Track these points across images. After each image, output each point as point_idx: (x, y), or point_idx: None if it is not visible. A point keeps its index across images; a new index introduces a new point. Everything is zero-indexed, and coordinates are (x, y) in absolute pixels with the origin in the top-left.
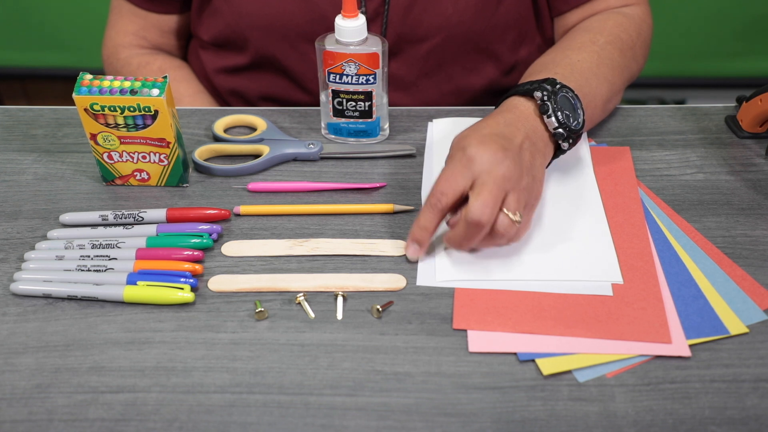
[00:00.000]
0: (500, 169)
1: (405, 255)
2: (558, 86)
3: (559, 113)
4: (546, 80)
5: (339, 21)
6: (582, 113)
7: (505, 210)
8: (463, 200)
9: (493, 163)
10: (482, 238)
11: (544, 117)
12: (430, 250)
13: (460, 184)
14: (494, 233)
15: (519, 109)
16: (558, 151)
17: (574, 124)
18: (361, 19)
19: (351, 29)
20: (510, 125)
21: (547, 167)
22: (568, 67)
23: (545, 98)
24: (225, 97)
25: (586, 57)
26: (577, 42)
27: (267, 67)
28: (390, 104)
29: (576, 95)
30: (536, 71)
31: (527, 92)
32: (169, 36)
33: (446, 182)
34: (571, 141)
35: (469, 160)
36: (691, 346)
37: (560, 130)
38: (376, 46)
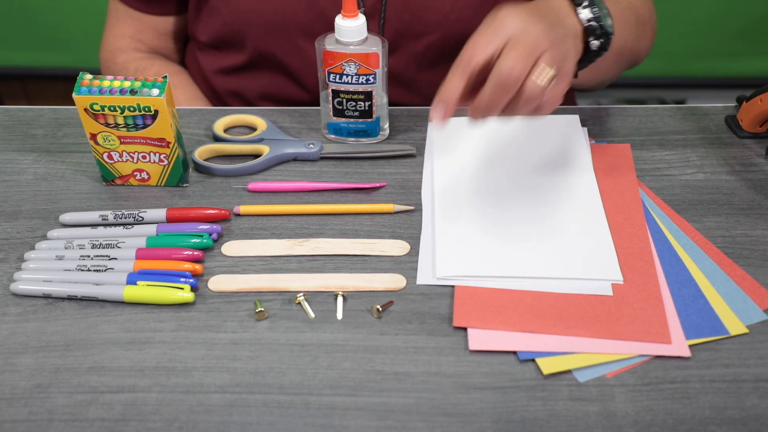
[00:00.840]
0: (533, 32)
1: (430, 119)
2: None
3: (593, 8)
4: None
5: (339, 21)
6: (612, 23)
7: (539, 67)
8: (491, 68)
9: (526, 26)
10: (509, 100)
11: (578, 9)
12: (430, 248)
13: (492, 45)
14: (521, 95)
15: (551, 2)
16: (586, 53)
17: (605, 24)
18: (361, 19)
19: (351, 29)
20: (541, 10)
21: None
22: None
23: None
24: (224, 98)
25: (611, 6)
26: None
27: (266, 65)
28: (389, 100)
29: (606, 6)
30: None
31: None
32: (165, 38)
33: (477, 43)
34: (601, 40)
35: (501, 23)
36: (691, 346)
37: (593, 23)
38: (376, 45)
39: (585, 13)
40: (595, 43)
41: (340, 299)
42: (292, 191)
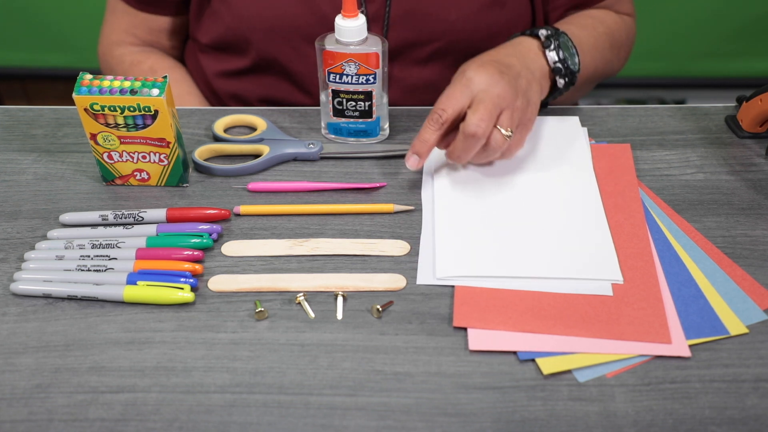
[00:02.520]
0: (496, 89)
1: (406, 165)
2: (561, 31)
3: (560, 51)
4: (551, 27)
5: (339, 21)
6: (578, 61)
7: (498, 126)
8: (461, 119)
9: (490, 84)
10: (477, 151)
11: (546, 51)
12: (430, 248)
13: (460, 102)
14: (488, 147)
15: (522, 45)
16: (554, 90)
17: (571, 64)
18: (361, 19)
19: (351, 29)
20: (510, 56)
21: (543, 103)
22: (566, 29)
23: (550, 35)
24: (225, 101)
25: (585, 36)
26: (580, 22)
27: (268, 70)
28: (392, 105)
29: (574, 45)
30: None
31: (533, 32)
32: (159, 35)
33: (447, 100)
34: (567, 79)
35: (468, 81)
36: (691, 346)
37: (559, 65)
38: (376, 45)
39: (552, 56)
40: (561, 82)
41: (340, 299)
42: (292, 191)
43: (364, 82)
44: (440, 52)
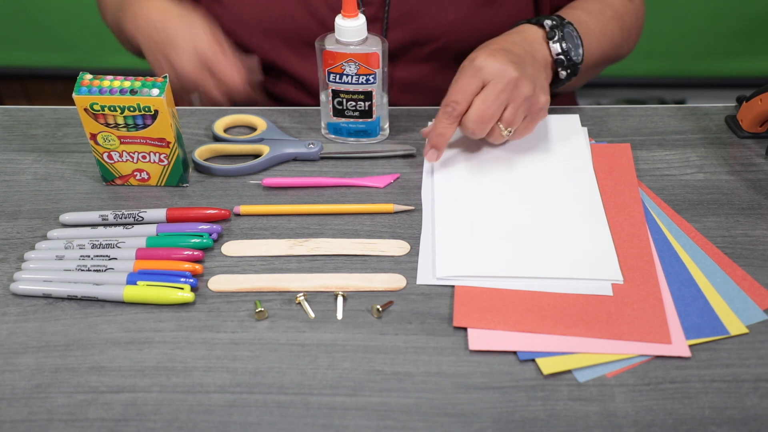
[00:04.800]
0: (507, 75)
1: (425, 157)
2: (566, 21)
3: (563, 42)
4: (556, 15)
5: (339, 21)
6: (582, 52)
7: (499, 123)
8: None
9: (500, 71)
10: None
11: (550, 42)
12: (430, 248)
13: (471, 91)
14: (488, 138)
15: (527, 32)
16: (556, 81)
17: (574, 56)
18: (361, 19)
19: (351, 29)
20: (516, 44)
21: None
22: (575, 22)
23: (554, 25)
24: None
25: (592, 22)
26: (587, 7)
27: (266, 72)
28: (393, 105)
29: (579, 35)
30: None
31: (538, 21)
32: None
33: (458, 92)
34: (569, 71)
35: (478, 69)
36: (691, 346)
37: (562, 57)
38: (376, 45)
39: (555, 47)
40: (563, 73)
41: (340, 299)
42: (307, 186)
43: (364, 82)
44: (439, 52)
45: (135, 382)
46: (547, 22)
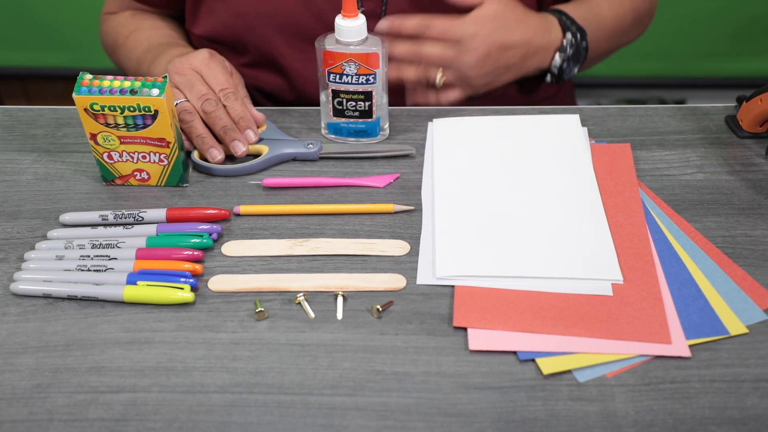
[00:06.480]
0: (478, 46)
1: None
2: (584, 44)
3: (568, 62)
4: (582, 30)
5: (339, 21)
6: (575, 70)
7: (439, 74)
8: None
9: (478, 37)
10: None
11: (557, 53)
12: (430, 248)
13: (451, 32)
14: (423, 72)
15: (551, 34)
16: (538, 78)
17: (568, 72)
18: (361, 19)
19: (351, 29)
20: (528, 34)
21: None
22: (594, 19)
23: (572, 44)
24: None
25: (610, 18)
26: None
27: (266, 66)
28: (391, 105)
29: (585, 57)
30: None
31: (565, 24)
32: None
33: (447, 20)
34: (553, 81)
35: (474, 18)
36: (691, 346)
37: (555, 71)
38: (376, 46)
39: (557, 61)
40: (547, 79)
41: (340, 299)
42: (307, 186)
43: (364, 82)
44: None
45: (135, 382)
46: (568, 37)
